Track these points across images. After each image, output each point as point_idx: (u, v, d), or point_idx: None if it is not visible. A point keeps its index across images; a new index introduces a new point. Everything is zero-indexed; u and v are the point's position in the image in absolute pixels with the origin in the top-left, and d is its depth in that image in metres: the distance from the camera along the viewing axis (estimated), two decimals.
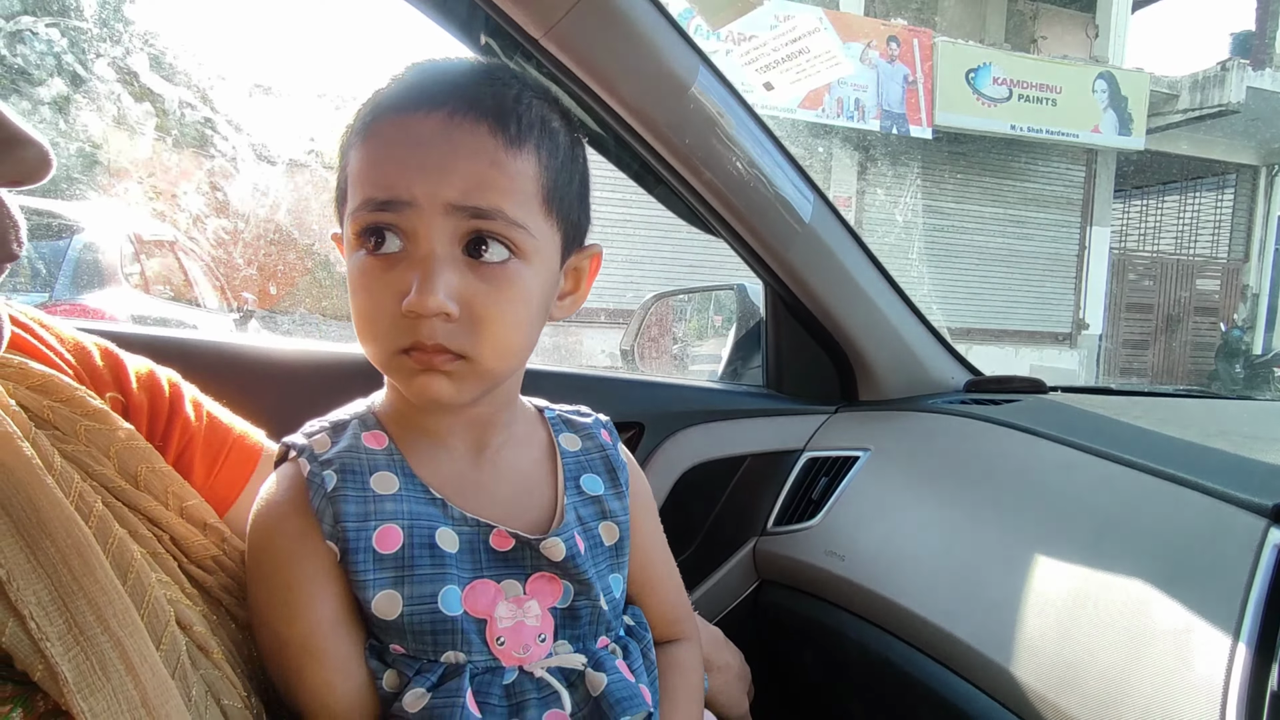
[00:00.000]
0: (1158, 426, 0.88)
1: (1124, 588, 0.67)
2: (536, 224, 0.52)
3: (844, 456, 1.11)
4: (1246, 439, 0.78)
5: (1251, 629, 0.56)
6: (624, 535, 0.62)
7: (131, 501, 0.47)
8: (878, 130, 8.76)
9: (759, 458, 1.18)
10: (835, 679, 1.03)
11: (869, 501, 1.03)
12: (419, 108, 0.50)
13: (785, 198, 1.04)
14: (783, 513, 1.14)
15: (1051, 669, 0.68)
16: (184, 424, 0.58)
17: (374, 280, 0.49)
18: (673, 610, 0.70)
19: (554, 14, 0.86)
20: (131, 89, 4.06)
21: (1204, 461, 0.74)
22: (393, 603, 0.52)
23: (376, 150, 0.50)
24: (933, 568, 0.87)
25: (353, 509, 0.52)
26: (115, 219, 3.34)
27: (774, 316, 1.23)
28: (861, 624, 0.95)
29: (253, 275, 4.59)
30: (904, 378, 1.20)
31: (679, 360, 1.91)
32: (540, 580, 0.57)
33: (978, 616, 0.78)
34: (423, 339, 0.49)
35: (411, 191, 0.48)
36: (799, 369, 1.24)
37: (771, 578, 1.13)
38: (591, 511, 0.61)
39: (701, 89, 0.95)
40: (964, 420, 1.05)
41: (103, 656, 0.36)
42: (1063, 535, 0.77)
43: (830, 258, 1.10)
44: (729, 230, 1.07)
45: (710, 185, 1.00)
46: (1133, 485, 0.75)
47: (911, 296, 1.20)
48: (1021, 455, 0.92)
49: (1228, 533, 0.63)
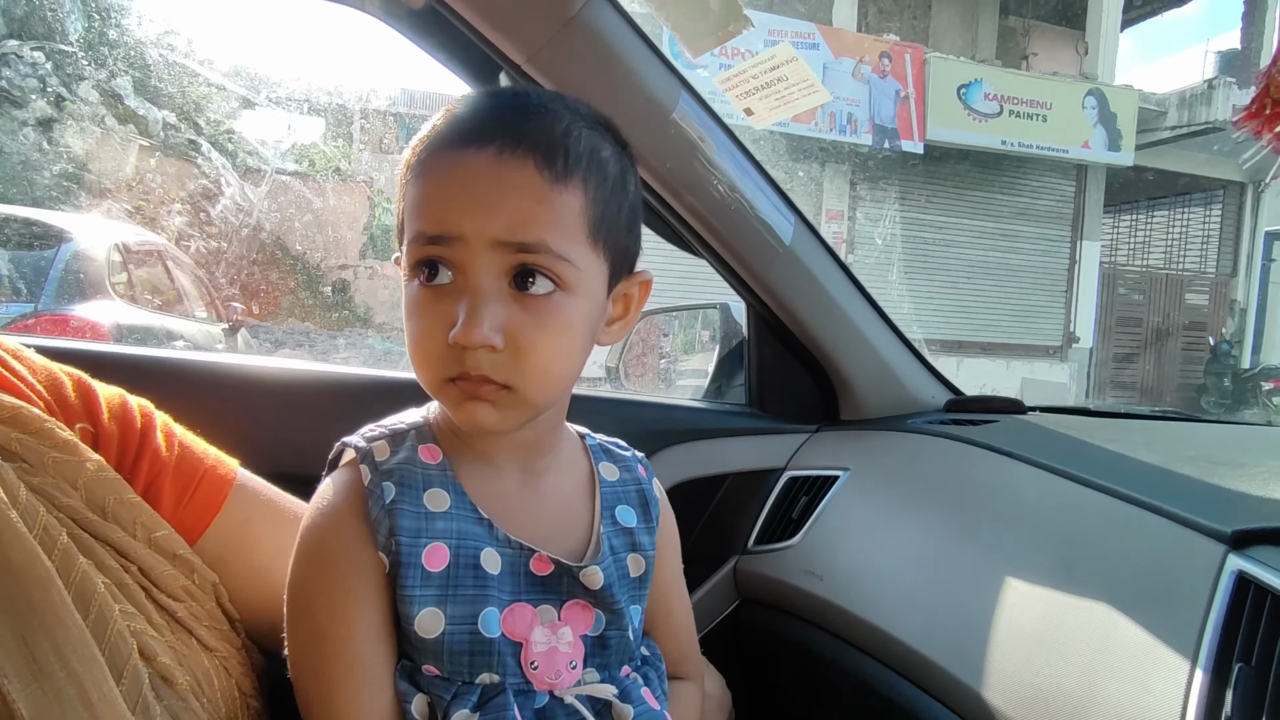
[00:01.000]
0: (1129, 450, 0.89)
1: (1090, 611, 0.68)
2: (582, 255, 0.53)
3: (824, 476, 1.12)
4: (1213, 464, 0.79)
5: (1209, 654, 0.57)
6: (649, 569, 0.64)
7: (99, 533, 0.47)
8: (870, 145, 8.84)
9: (740, 476, 1.19)
10: (813, 699, 1.03)
11: (848, 521, 1.04)
12: (468, 144, 0.51)
13: (766, 220, 1.06)
14: (763, 532, 1.15)
15: (1019, 691, 0.69)
16: (154, 454, 0.59)
17: (426, 310, 0.51)
18: (681, 649, 0.72)
19: (536, 40, 0.87)
20: (116, 111, 4.09)
21: (1170, 486, 0.75)
22: (436, 621, 0.53)
23: (429, 186, 0.52)
24: (908, 589, 0.88)
25: (408, 524, 0.53)
26: (103, 228, 3.33)
27: (756, 336, 1.24)
28: (839, 644, 0.95)
29: (235, 293, 4.61)
30: (885, 397, 1.21)
31: (665, 377, 1.92)
32: (574, 607, 0.58)
33: (950, 638, 0.79)
34: (468, 369, 0.50)
35: (460, 227, 0.50)
36: (781, 388, 1.25)
37: (752, 597, 1.14)
38: (623, 542, 0.63)
39: (683, 114, 0.96)
40: (942, 441, 1.06)
41: (60, 693, 0.36)
42: (1034, 558, 0.78)
43: (811, 278, 1.11)
44: (711, 252, 1.09)
45: (692, 208, 1.02)
46: (1102, 509, 0.77)
47: (895, 314, 1.21)
48: (997, 477, 0.93)
49: (1188, 558, 0.64)
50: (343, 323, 6.55)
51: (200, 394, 0.92)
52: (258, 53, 8.69)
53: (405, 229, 0.54)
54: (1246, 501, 0.69)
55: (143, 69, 4.30)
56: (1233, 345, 10.72)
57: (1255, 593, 0.58)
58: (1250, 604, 0.58)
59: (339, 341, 5.50)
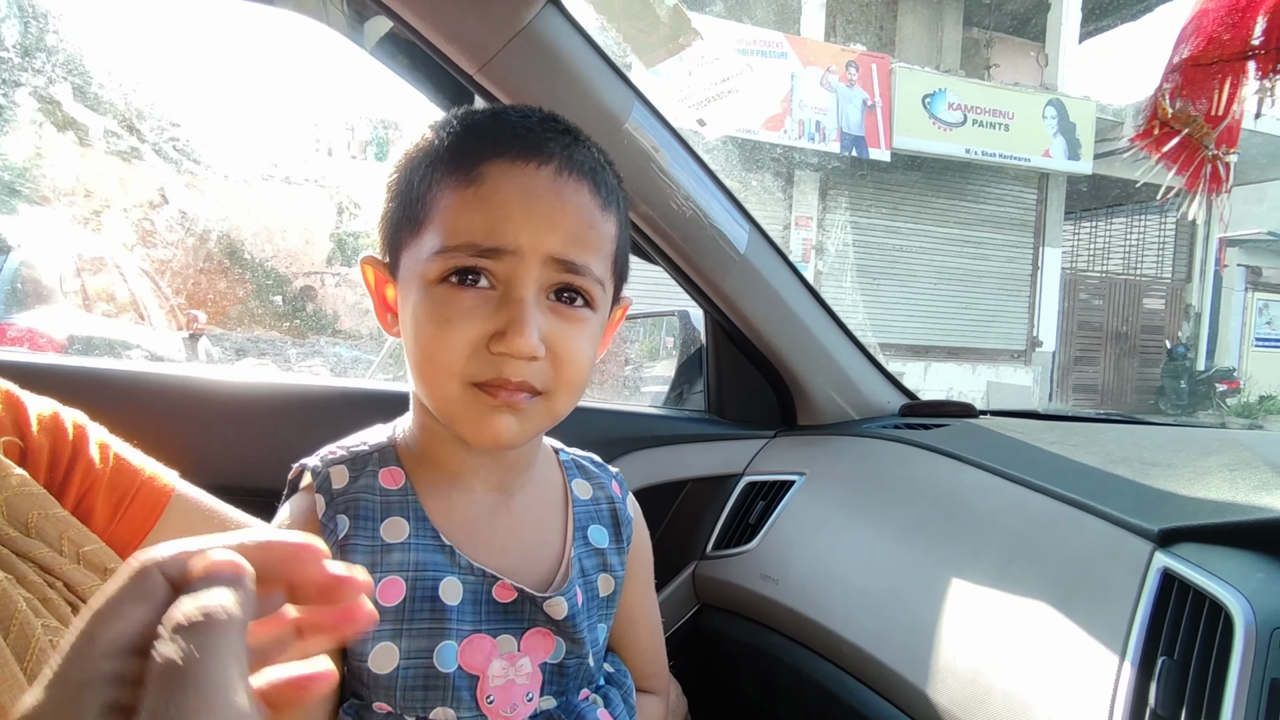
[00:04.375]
0: (1070, 452, 0.92)
1: (1028, 609, 0.70)
2: (607, 279, 0.56)
3: (781, 480, 1.13)
4: (1145, 465, 0.82)
5: (1136, 649, 0.59)
6: (618, 589, 0.64)
7: (20, 549, 0.46)
8: (838, 152, 8.97)
9: (700, 482, 1.20)
10: (770, 702, 1.04)
11: (802, 525, 1.05)
12: (530, 159, 0.51)
13: (721, 229, 1.07)
14: (722, 537, 1.15)
15: (962, 690, 0.71)
16: (86, 467, 0.58)
17: (458, 314, 0.50)
18: (648, 665, 0.72)
19: (487, 50, 0.88)
20: (54, 118, 3.98)
21: (1104, 487, 0.77)
22: (389, 656, 0.52)
23: (484, 196, 0.50)
24: (859, 590, 0.89)
25: (361, 559, 0.52)
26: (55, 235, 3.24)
27: (714, 343, 1.25)
28: (794, 647, 0.96)
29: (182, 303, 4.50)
30: (841, 403, 1.23)
31: (629, 385, 1.93)
32: (535, 635, 0.57)
33: (898, 639, 0.81)
34: (508, 375, 0.50)
35: (518, 241, 0.50)
36: (739, 394, 1.27)
37: (710, 602, 1.15)
38: (594, 564, 0.62)
39: (636, 124, 0.97)
40: (894, 445, 1.08)
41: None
42: (978, 559, 0.80)
43: (766, 286, 1.13)
44: (667, 260, 1.10)
45: (647, 217, 1.03)
46: (1040, 509, 0.79)
47: (864, 319, 1.23)
48: (945, 480, 0.95)
49: (1118, 556, 0.67)
50: (307, 329, 6.45)
51: (144, 406, 0.91)
52: (217, 59, 8.56)
53: (433, 232, 0.51)
54: (1174, 501, 0.71)
55: (83, 75, 4.20)
56: (1188, 348, 11.05)
57: (1179, 589, 0.61)
58: (1174, 599, 0.60)
59: (303, 349, 5.41)
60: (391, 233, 0.55)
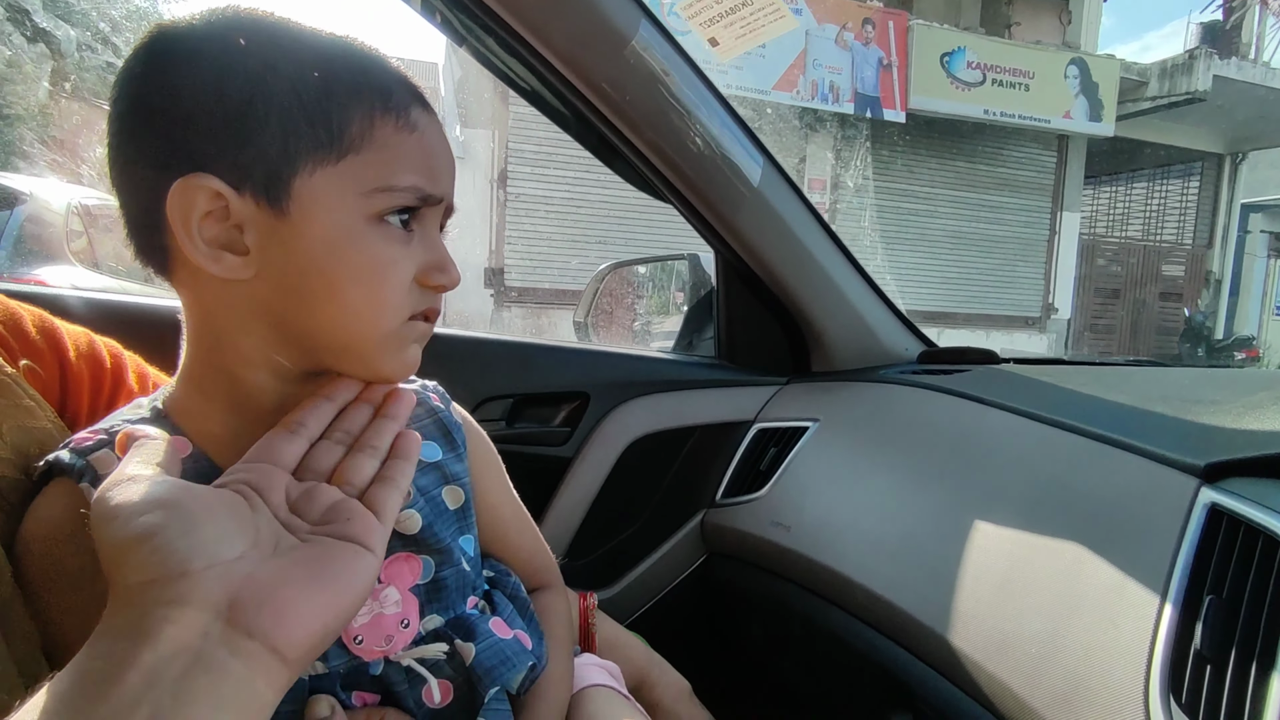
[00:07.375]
0: (1102, 392, 0.87)
1: (1057, 551, 0.66)
2: None
3: (793, 428, 1.09)
4: (1187, 402, 0.77)
5: (1179, 589, 0.55)
6: (468, 497, 0.60)
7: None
8: (852, 113, 8.75)
9: (709, 429, 1.16)
10: (780, 650, 1.01)
11: (816, 472, 1.01)
12: (424, 103, 0.52)
13: (733, 160, 1.01)
14: (731, 484, 1.12)
15: (985, 635, 0.67)
16: (129, 395, 0.56)
17: (402, 253, 0.50)
18: (529, 564, 0.69)
19: None
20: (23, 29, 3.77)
21: (1142, 424, 0.72)
22: None
23: (427, 144, 0.51)
24: (876, 537, 0.85)
25: None
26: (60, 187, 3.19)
27: (725, 286, 1.20)
28: (805, 595, 0.93)
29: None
30: (857, 348, 1.18)
31: (637, 335, 1.88)
32: (396, 562, 0.54)
33: (917, 584, 0.77)
34: (437, 307, 0.53)
35: (445, 190, 0.52)
36: (751, 340, 1.22)
37: (719, 550, 1.12)
38: (433, 479, 0.59)
39: (643, 43, 0.91)
40: (912, 390, 1.03)
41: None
42: (1002, 501, 0.76)
43: (780, 223, 1.07)
44: (675, 194, 1.04)
45: (653, 145, 0.97)
46: (1071, 449, 0.74)
47: (869, 268, 1.17)
48: (968, 423, 0.90)
49: (1160, 493, 0.62)
50: None
51: (170, 337, 0.87)
52: None
53: (361, 165, 0.47)
54: (1221, 435, 0.66)
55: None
56: (1207, 316, 10.85)
57: (1228, 525, 0.56)
58: (1223, 536, 0.56)
59: None
60: (273, 151, 0.45)
